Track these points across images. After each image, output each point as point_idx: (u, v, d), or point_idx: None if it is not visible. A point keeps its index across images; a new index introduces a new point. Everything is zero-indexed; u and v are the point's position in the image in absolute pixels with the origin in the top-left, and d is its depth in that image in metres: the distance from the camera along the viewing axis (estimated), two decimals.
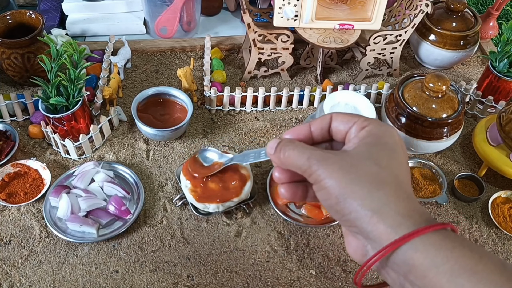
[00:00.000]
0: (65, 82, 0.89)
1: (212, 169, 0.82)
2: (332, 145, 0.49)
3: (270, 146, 0.47)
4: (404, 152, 0.44)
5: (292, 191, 0.48)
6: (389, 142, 0.44)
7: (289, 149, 0.45)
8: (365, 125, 0.44)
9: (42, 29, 0.98)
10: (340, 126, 0.46)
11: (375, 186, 0.40)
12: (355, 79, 1.15)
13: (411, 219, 0.39)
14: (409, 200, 0.41)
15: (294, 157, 0.44)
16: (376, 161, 0.42)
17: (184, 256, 0.82)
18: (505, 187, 0.94)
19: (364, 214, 0.40)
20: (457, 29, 1.10)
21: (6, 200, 0.86)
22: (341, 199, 0.41)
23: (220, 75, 1.10)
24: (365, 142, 0.43)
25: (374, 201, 0.40)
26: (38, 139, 0.97)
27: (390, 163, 0.42)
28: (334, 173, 0.41)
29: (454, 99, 0.93)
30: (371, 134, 0.44)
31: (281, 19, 1.01)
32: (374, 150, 0.42)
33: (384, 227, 0.39)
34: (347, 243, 0.46)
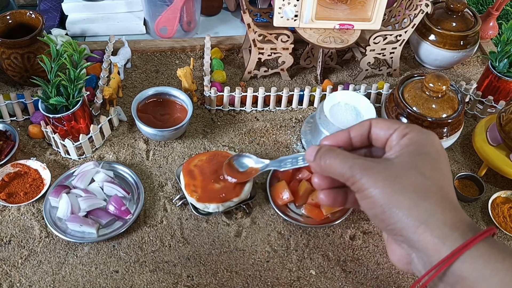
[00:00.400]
0: (65, 82, 0.89)
1: (248, 175, 0.81)
2: (371, 151, 0.49)
3: (309, 153, 0.47)
4: (446, 161, 0.44)
5: (332, 197, 0.48)
6: (432, 151, 0.44)
7: (330, 157, 0.45)
8: (407, 132, 0.44)
9: (42, 29, 0.98)
10: (380, 132, 0.46)
11: (421, 197, 0.40)
12: (355, 79, 1.15)
13: (459, 230, 0.39)
14: (455, 211, 0.41)
15: (335, 165, 0.44)
16: (421, 171, 0.42)
17: (184, 256, 0.82)
18: (505, 187, 0.94)
19: (411, 224, 0.40)
20: (457, 29, 1.10)
21: (6, 200, 0.86)
22: (386, 208, 0.41)
23: (220, 75, 1.10)
24: (408, 151, 0.43)
25: (421, 212, 0.40)
26: (38, 139, 0.97)
27: (434, 173, 0.42)
28: (379, 182, 0.41)
29: (454, 99, 0.93)
30: (413, 142, 0.43)
31: (281, 19, 1.01)
32: (418, 160, 0.42)
33: (431, 238, 0.39)
34: (391, 251, 0.46)
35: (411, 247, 0.41)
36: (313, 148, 0.47)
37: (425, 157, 0.43)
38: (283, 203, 0.87)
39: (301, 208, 0.87)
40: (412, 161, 0.42)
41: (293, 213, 0.87)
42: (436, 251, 0.39)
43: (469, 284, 0.38)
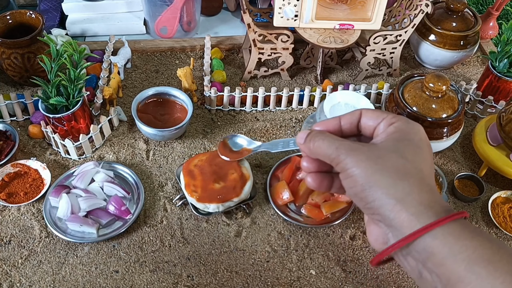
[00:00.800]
0: (65, 82, 0.89)
1: (241, 155, 0.82)
2: (360, 139, 0.51)
3: (300, 136, 0.49)
4: (429, 148, 0.46)
5: (318, 180, 0.50)
6: (415, 138, 0.46)
7: (319, 139, 0.47)
8: (393, 122, 0.47)
9: (42, 29, 0.98)
10: (369, 121, 0.48)
11: (399, 177, 0.42)
12: (355, 79, 1.15)
13: (433, 209, 0.41)
14: (431, 192, 0.43)
15: (323, 147, 0.46)
16: (402, 155, 0.44)
17: (184, 256, 0.82)
18: (505, 187, 0.94)
19: (388, 202, 0.42)
20: (457, 29, 1.10)
21: (6, 200, 0.86)
22: (366, 187, 0.43)
23: (220, 75, 1.10)
24: (392, 137, 0.45)
25: (398, 191, 0.42)
26: (38, 139, 0.97)
27: (415, 157, 0.44)
28: (362, 162, 0.44)
29: (454, 99, 0.93)
30: (399, 130, 0.46)
31: (281, 19, 1.01)
32: (401, 145, 0.45)
33: (406, 215, 0.41)
34: (369, 232, 0.47)
35: (388, 225, 0.43)
36: (304, 132, 0.49)
37: (408, 142, 0.45)
38: (283, 203, 0.87)
39: (301, 208, 0.87)
40: (395, 145, 0.45)
41: (293, 213, 0.87)
42: (410, 227, 0.41)
43: (439, 260, 0.39)
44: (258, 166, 0.95)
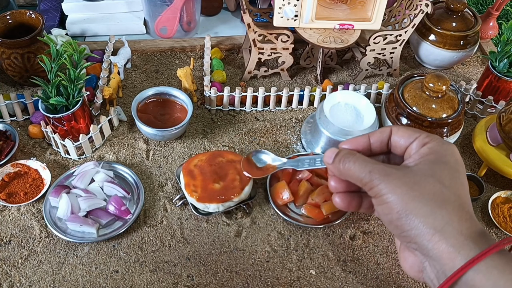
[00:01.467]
0: (65, 82, 0.89)
1: (265, 171, 0.81)
2: (389, 158, 0.49)
3: (328, 156, 0.47)
4: (464, 171, 0.45)
5: (347, 201, 0.48)
6: (451, 161, 0.44)
7: (349, 161, 0.45)
8: (427, 142, 0.44)
9: (42, 29, 0.98)
10: (400, 140, 0.46)
11: (438, 205, 0.40)
12: (355, 79, 1.15)
13: (474, 240, 0.39)
14: (471, 221, 0.41)
15: (354, 170, 0.44)
16: (439, 180, 0.42)
17: (184, 256, 0.82)
18: (505, 187, 0.94)
19: (426, 232, 0.40)
20: (457, 29, 1.10)
21: (6, 200, 0.86)
22: (402, 215, 0.41)
23: (220, 75, 1.10)
24: (427, 159, 0.43)
25: (437, 220, 0.40)
26: (38, 139, 0.97)
27: (453, 182, 0.42)
28: (397, 188, 0.42)
29: (454, 99, 0.93)
30: (433, 151, 0.44)
31: (281, 19, 1.01)
32: (437, 168, 0.43)
33: (446, 247, 0.39)
34: (403, 259, 0.46)
35: (425, 255, 0.41)
36: (332, 151, 0.47)
37: (444, 166, 0.43)
38: (283, 203, 0.87)
39: (301, 208, 0.87)
40: (431, 169, 0.43)
41: (293, 213, 0.87)
42: (450, 259, 0.39)
43: None
44: None
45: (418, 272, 0.44)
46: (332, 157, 0.47)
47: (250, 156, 0.82)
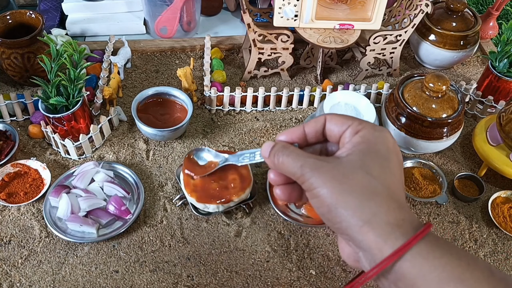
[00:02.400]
0: (65, 82, 0.89)
1: (208, 169, 0.82)
2: (327, 147, 0.49)
3: (264, 149, 0.47)
4: (397, 159, 0.44)
5: (287, 192, 0.48)
6: (382, 149, 0.44)
7: (282, 155, 0.45)
8: (359, 129, 0.44)
9: (42, 29, 0.98)
10: (334, 128, 0.46)
11: (366, 197, 0.41)
12: (355, 79, 1.15)
13: (400, 228, 0.40)
14: (400, 210, 0.41)
15: (287, 164, 0.45)
16: (368, 171, 0.42)
17: (184, 256, 0.82)
18: (505, 187, 0.94)
19: (355, 224, 0.40)
20: (457, 29, 1.10)
21: (6, 200, 0.86)
22: (332, 208, 0.41)
23: (220, 75, 1.10)
24: (358, 149, 0.43)
25: (365, 212, 0.40)
26: (38, 139, 0.97)
27: (382, 172, 0.42)
28: (327, 182, 0.42)
29: (454, 99, 0.93)
30: (365, 140, 0.44)
31: (281, 19, 1.01)
32: (367, 159, 0.43)
33: (373, 237, 0.40)
34: (341, 249, 0.47)
35: (357, 246, 0.42)
36: (268, 144, 0.47)
37: (374, 155, 0.43)
38: (283, 203, 0.87)
39: (301, 208, 0.87)
40: (361, 159, 0.43)
41: (293, 213, 0.87)
42: (379, 249, 0.40)
43: (409, 281, 0.39)
44: (258, 166, 0.95)
45: (355, 261, 0.44)
46: (268, 151, 0.47)
47: (191, 155, 0.83)
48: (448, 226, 0.88)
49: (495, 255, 0.85)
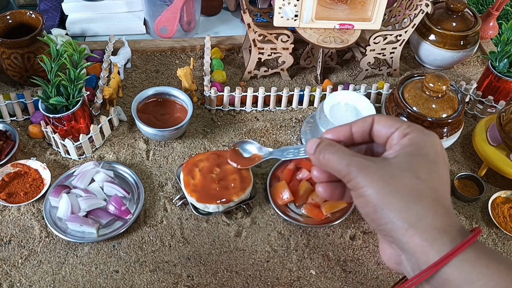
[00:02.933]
0: (65, 82, 0.89)
1: (252, 161, 0.81)
2: (372, 147, 0.49)
3: (310, 146, 0.47)
4: (445, 163, 0.44)
5: (330, 190, 0.48)
6: (431, 153, 0.43)
7: (328, 152, 0.45)
8: (408, 132, 0.44)
9: (42, 29, 0.98)
10: (382, 130, 0.46)
11: (413, 199, 0.40)
12: (355, 79, 1.15)
13: (447, 234, 0.39)
14: (447, 215, 0.41)
15: (333, 161, 0.44)
16: (416, 173, 0.42)
17: (184, 256, 0.82)
18: (505, 187, 0.94)
19: (401, 226, 0.40)
20: (457, 29, 1.10)
21: (6, 200, 0.86)
22: (378, 209, 0.41)
23: (220, 75, 1.10)
24: (406, 152, 0.43)
25: (412, 214, 0.40)
26: (38, 139, 0.97)
27: (430, 176, 0.42)
28: (374, 182, 0.42)
29: (454, 99, 0.93)
30: (413, 143, 0.43)
31: (281, 19, 1.01)
32: (415, 161, 0.42)
33: (419, 241, 0.39)
34: (382, 250, 0.46)
35: (400, 248, 0.41)
36: (314, 141, 0.47)
37: (423, 159, 0.43)
38: (283, 203, 0.87)
39: (301, 208, 0.87)
40: (409, 162, 0.42)
41: (293, 213, 0.87)
42: (424, 253, 0.39)
43: (454, 287, 0.38)
44: (258, 166, 0.95)
45: (396, 264, 0.44)
46: (314, 148, 0.47)
47: (236, 147, 0.83)
48: None
49: None
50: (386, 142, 0.46)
